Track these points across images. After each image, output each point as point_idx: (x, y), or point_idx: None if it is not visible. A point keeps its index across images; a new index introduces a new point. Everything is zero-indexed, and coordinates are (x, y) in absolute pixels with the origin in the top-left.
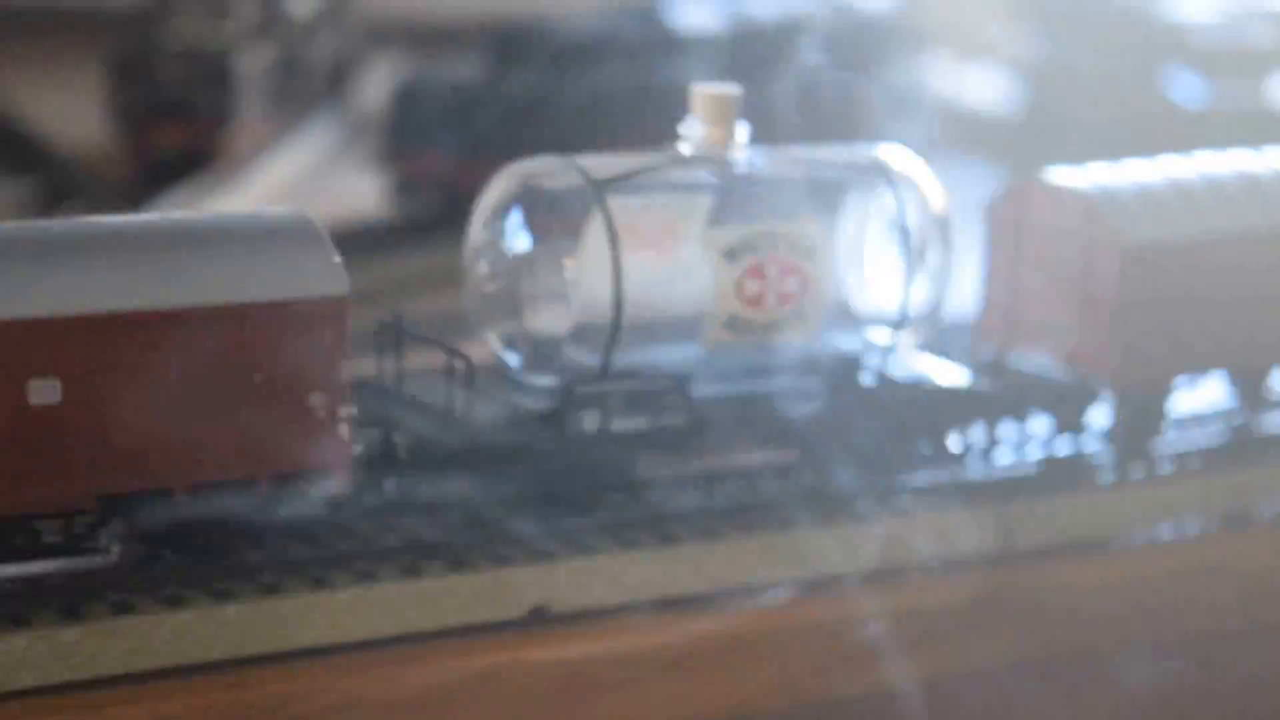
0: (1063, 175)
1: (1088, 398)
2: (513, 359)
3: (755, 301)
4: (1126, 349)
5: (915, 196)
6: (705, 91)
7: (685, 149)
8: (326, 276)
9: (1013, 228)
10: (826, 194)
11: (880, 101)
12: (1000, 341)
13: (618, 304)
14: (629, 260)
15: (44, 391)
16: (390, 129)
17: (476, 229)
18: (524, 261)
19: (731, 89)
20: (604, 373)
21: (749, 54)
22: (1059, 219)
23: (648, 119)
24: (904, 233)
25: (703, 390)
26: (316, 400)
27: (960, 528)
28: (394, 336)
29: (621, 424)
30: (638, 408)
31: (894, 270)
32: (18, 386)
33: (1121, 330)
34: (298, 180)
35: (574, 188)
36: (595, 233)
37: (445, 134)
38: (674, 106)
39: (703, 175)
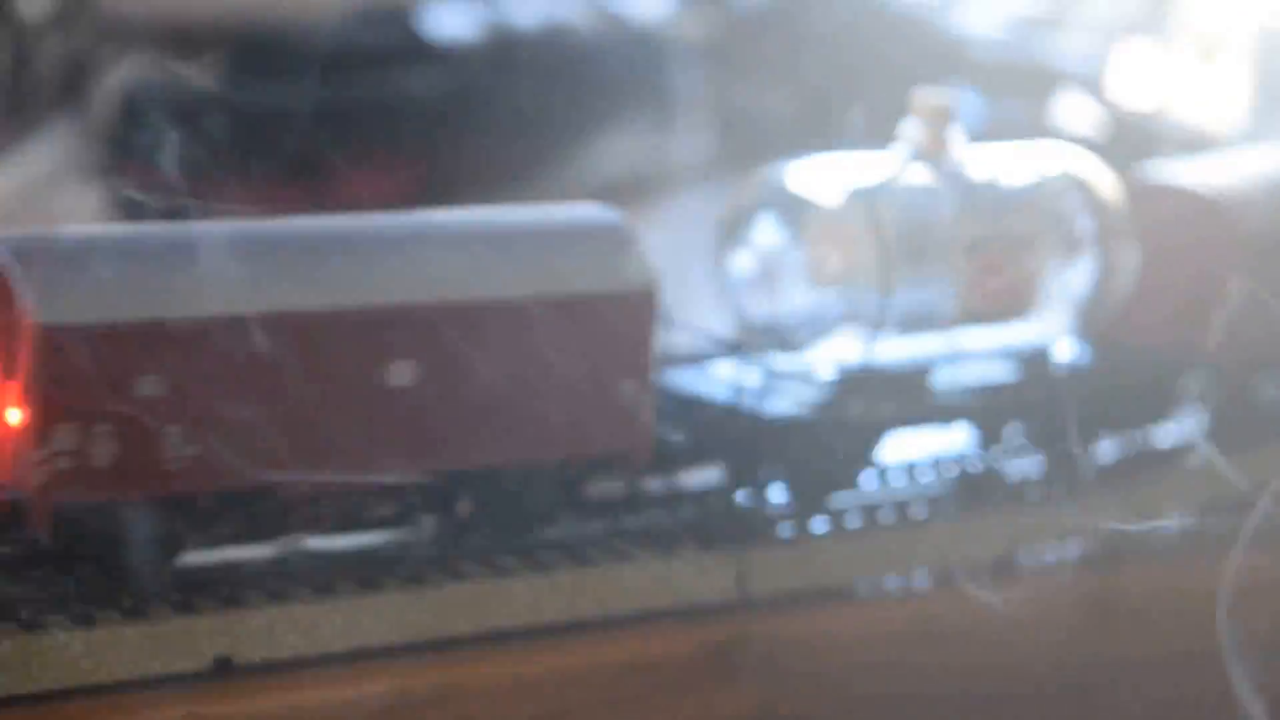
0: (1169, 173)
1: (1213, 379)
2: (775, 352)
3: (989, 294)
4: (1239, 332)
5: (1098, 194)
6: (924, 98)
7: (906, 150)
8: (638, 271)
9: None
10: (1028, 192)
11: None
12: (1116, 330)
13: (884, 297)
14: (888, 256)
15: (403, 373)
16: (112, 140)
17: (730, 231)
18: (786, 261)
19: (948, 95)
20: (866, 364)
21: (508, 63)
22: (1174, 214)
23: (396, 131)
24: (1091, 227)
25: (937, 380)
26: (626, 388)
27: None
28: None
29: (870, 413)
30: (888, 396)
31: (1083, 264)
32: (381, 368)
33: (1237, 315)
34: (19, 194)
35: (831, 189)
36: (859, 232)
37: (172, 146)
38: (427, 117)
39: (937, 176)
